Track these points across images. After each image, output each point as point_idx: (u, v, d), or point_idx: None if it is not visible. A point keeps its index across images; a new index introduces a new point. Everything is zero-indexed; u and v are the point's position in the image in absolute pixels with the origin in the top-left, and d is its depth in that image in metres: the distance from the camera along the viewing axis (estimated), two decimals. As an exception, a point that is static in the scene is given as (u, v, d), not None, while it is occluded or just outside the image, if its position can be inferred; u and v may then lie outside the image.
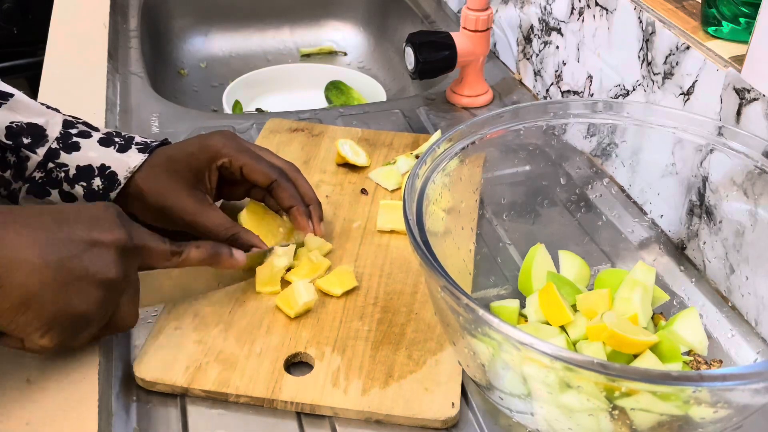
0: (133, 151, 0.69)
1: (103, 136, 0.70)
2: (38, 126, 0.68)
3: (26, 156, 0.67)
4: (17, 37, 1.85)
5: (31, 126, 0.68)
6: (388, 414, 0.57)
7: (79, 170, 0.68)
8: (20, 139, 0.67)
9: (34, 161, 0.67)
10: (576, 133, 0.69)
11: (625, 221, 0.73)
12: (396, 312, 0.66)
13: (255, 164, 0.70)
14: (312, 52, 1.34)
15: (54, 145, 0.68)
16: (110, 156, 0.68)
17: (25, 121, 0.68)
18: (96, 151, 0.68)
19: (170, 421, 0.58)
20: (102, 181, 0.67)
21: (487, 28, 0.95)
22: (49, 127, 0.69)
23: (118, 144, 0.69)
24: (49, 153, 0.67)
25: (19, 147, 0.67)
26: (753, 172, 0.61)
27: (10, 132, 0.67)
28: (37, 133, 0.68)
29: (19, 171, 0.68)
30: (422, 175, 0.58)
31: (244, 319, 0.64)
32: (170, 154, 0.70)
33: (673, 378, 0.44)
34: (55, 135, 0.68)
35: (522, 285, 0.68)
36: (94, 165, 0.68)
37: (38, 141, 0.67)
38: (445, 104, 1.00)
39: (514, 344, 0.46)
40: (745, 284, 0.65)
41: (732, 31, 0.68)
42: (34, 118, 0.68)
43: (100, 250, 0.54)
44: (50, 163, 0.67)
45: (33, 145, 0.67)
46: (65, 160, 0.68)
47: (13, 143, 0.67)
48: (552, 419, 0.52)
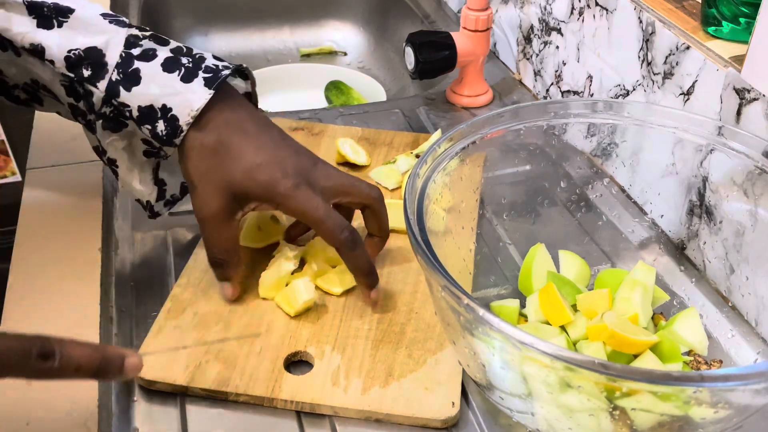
0: (197, 84, 0.62)
1: (169, 56, 0.63)
2: (96, 50, 0.62)
3: (89, 91, 0.62)
4: (17, 36, 1.85)
5: (89, 51, 0.62)
6: (388, 413, 0.57)
7: (141, 112, 0.62)
8: (80, 70, 0.62)
9: (98, 97, 0.62)
10: (576, 133, 0.69)
11: (625, 221, 0.73)
12: (396, 311, 0.66)
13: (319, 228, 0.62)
14: (312, 52, 1.34)
15: (114, 76, 0.62)
16: (171, 90, 0.62)
17: (84, 46, 0.62)
18: (157, 83, 0.62)
19: (170, 420, 0.58)
20: (165, 126, 0.62)
21: (487, 28, 0.95)
22: (109, 48, 0.62)
23: (185, 68, 0.63)
24: (110, 88, 0.62)
25: (81, 80, 0.62)
26: (753, 172, 0.61)
27: (70, 63, 0.62)
28: (97, 61, 0.62)
29: (90, 104, 0.64)
30: (423, 174, 0.58)
31: (244, 317, 0.64)
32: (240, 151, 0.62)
33: (674, 378, 0.44)
34: (115, 60, 0.62)
35: (522, 285, 0.68)
36: (156, 105, 0.62)
37: (98, 72, 0.62)
38: (445, 104, 1.00)
39: (514, 344, 0.46)
40: (745, 284, 0.65)
41: (732, 31, 0.68)
42: (92, 39, 0.62)
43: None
44: (113, 101, 0.62)
45: (93, 78, 0.62)
46: (125, 99, 0.62)
47: (75, 75, 0.62)
48: (552, 419, 0.52)
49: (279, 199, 0.62)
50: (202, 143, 0.62)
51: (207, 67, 0.63)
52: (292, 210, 0.62)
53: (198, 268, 0.69)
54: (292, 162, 0.63)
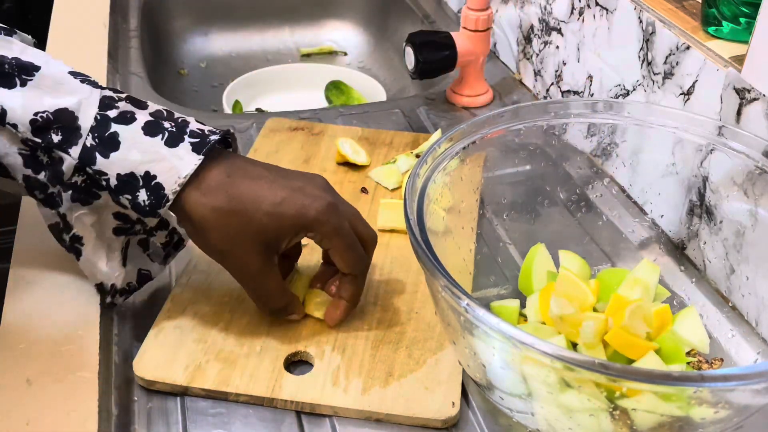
0: (184, 149, 0.57)
1: (150, 120, 0.58)
2: (67, 112, 0.56)
3: (59, 158, 0.57)
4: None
5: (59, 114, 0.56)
6: (388, 413, 0.57)
7: (120, 180, 0.57)
8: (49, 135, 0.56)
9: (69, 165, 0.57)
10: (576, 133, 0.69)
11: (625, 221, 0.73)
12: (396, 311, 0.65)
13: (345, 253, 0.61)
14: (312, 52, 1.34)
15: (89, 142, 0.56)
16: (156, 156, 0.57)
17: (52, 108, 0.56)
18: (139, 149, 0.57)
19: (170, 420, 0.58)
20: (148, 195, 0.57)
21: (487, 28, 0.95)
22: (82, 110, 0.57)
23: (168, 132, 0.58)
24: (84, 154, 0.56)
25: (50, 146, 0.56)
26: (753, 172, 0.61)
27: (36, 126, 0.55)
28: (68, 124, 0.56)
29: (56, 174, 0.57)
30: (423, 174, 0.58)
31: (244, 317, 0.64)
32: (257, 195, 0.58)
33: (674, 378, 0.44)
34: (90, 123, 0.56)
35: (522, 285, 0.68)
36: (138, 173, 0.57)
37: (69, 136, 0.56)
38: (445, 104, 1.00)
39: (514, 344, 0.46)
40: (745, 284, 0.65)
41: (732, 31, 0.68)
42: (62, 100, 0.57)
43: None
44: (88, 169, 0.57)
45: (64, 144, 0.56)
46: (102, 166, 0.56)
47: (42, 141, 0.56)
48: (552, 419, 0.52)
49: (312, 226, 0.59)
50: (214, 207, 0.57)
51: (192, 132, 0.58)
52: (326, 232, 0.59)
53: (198, 268, 0.69)
54: (310, 187, 0.60)
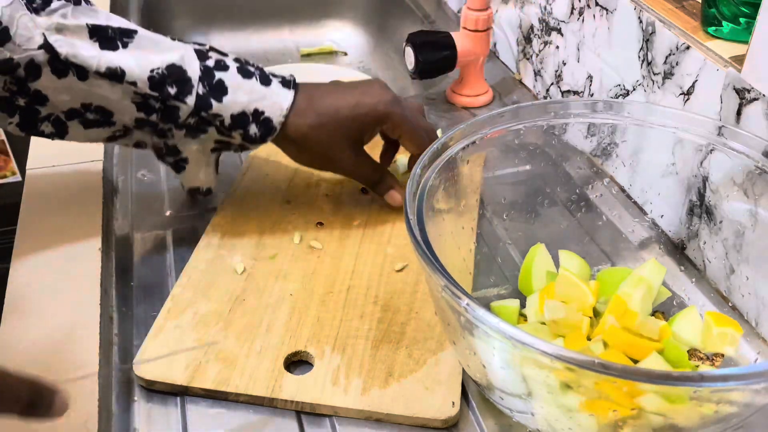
0: (276, 86, 0.69)
1: (237, 65, 0.69)
2: (176, 66, 0.65)
3: (175, 106, 0.66)
4: (17, 36, 1.84)
5: (171, 68, 0.65)
6: (388, 413, 0.57)
7: (233, 119, 0.67)
8: (165, 88, 0.65)
9: (185, 111, 0.66)
10: (576, 133, 0.69)
11: (625, 221, 0.73)
12: (396, 311, 0.66)
13: (414, 135, 0.73)
14: (312, 52, 1.34)
15: (200, 90, 0.66)
16: (259, 95, 0.68)
17: (164, 65, 0.65)
18: (244, 91, 0.67)
19: (170, 420, 0.58)
20: (257, 128, 0.68)
21: (487, 28, 0.95)
22: (187, 63, 0.66)
23: (257, 75, 0.69)
24: (199, 101, 0.66)
25: (167, 98, 0.65)
26: (753, 172, 0.61)
27: (153, 82, 0.64)
28: (179, 77, 0.65)
29: (170, 117, 0.67)
30: (423, 174, 0.58)
31: (244, 317, 0.64)
32: (336, 105, 0.70)
33: (674, 378, 0.44)
34: (197, 74, 0.66)
35: (522, 285, 0.68)
36: (248, 111, 0.68)
37: (183, 88, 0.65)
38: (445, 104, 1.00)
39: (514, 344, 0.46)
40: (745, 284, 0.65)
41: (732, 31, 0.68)
42: (167, 56, 0.65)
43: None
44: (203, 113, 0.66)
45: (180, 95, 0.65)
46: (218, 109, 0.67)
47: (159, 94, 0.65)
48: (552, 419, 0.52)
49: (385, 118, 0.71)
50: (310, 125, 0.70)
51: (272, 73, 0.70)
52: (397, 122, 0.72)
53: (198, 268, 0.69)
54: (374, 89, 0.72)
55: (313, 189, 0.81)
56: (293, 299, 0.66)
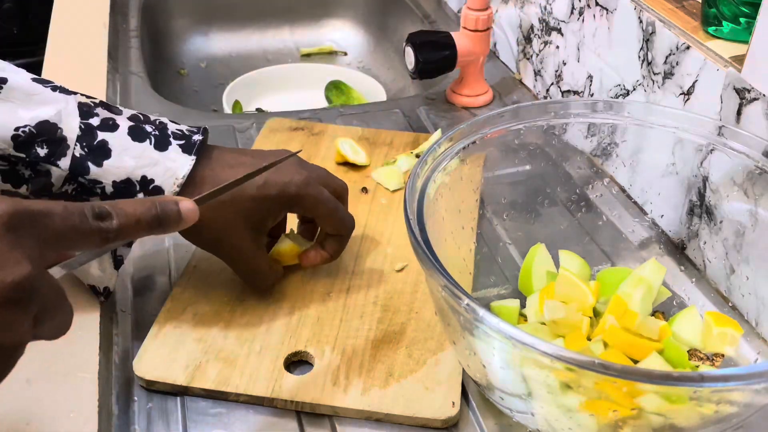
0: (174, 151, 0.59)
1: (131, 124, 0.59)
2: (49, 124, 0.56)
3: (47, 170, 0.56)
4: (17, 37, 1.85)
5: (41, 126, 0.55)
6: (388, 413, 0.57)
7: (116, 187, 0.58)
8: (34, 149, 0.55)
9: (59, 176, 0.57)
10: (576, 133, 0.69)
11: (625, 221, 0.73)
12: (396, 311, 0.66)
13: (331, 219, 0.65)
14: (312, 52, 1.34)
15: (78, 152, 0.56)
16: (149, 160, 0.58)
17: (33, 123, 0.55)
18: (131, 155, 0.58)
19: (170, 420, 0.58)
20: None
21: (487, 28, 0.95)
22: (63, 121, 0.56)
23: (153, 136, 0.59)
24: (75, 165, 0.56)
25: (36, 161, 0.56)
26: (753, 172, 0.61)
27: (18, 142, 0.55)
28: (52, 137, 0.56)
29: (43, 187, 0.57)
30: (423, 174, 0.58)
31: (244, 317, 0.64)
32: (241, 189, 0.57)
33: (674, 378, 0.44)
34: (75, 133, 0.57)
35: (522, 285, 0.68)
36: (134, 178, 0.58)
37: (56, 149, 0.56)
38: (445, 104, 1.00)
39: (514, 344, 0.46)
40: (745, 284, 0.65)
41: (732, 31, 0.68)
42: (40, 111, 0.56)
43: None
44: (80, 179, 0.57)
45: (51, 156, 0.56)
46: (97, 175, 0.57)
47: (26, 156, 0.55)
48: (552, 419, 0.52)
49: (295, 201, 0.63)
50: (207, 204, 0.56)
51: (174, 134, 0.60)
52: (308, 205, 0.63)
53: (198, 268, 0.69)
54: (286, 165, 0.63)
55: (313, 189, 0.81)
56: (293, 299, 0.66)
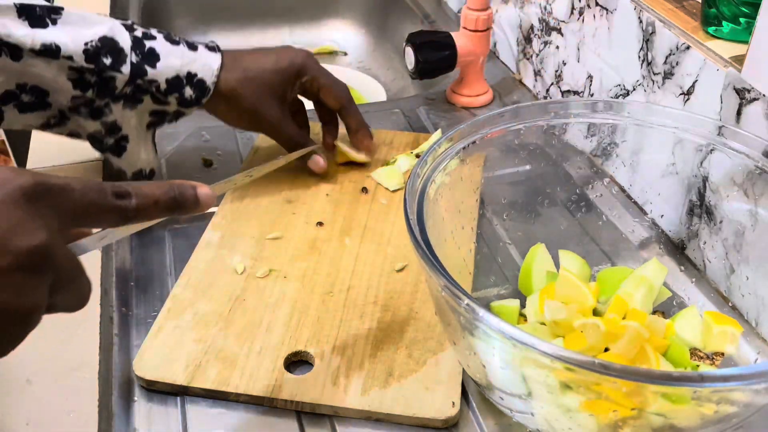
0: (203, 50, 0.72)
1: (162, 34, 0.71)
2: (108, 38, 0.67)
3: (111, 76, 0.68)
4: (17, 36, 1.84)
5: (103, 41, 0.67)
6: (388, 413, 0.57)
7: (169, 84, 0.70)
8: (101, 59, 0.67)
9: (121, 80, 0.68)
10: (576, 133, 0.69)
11: (625, 221, 0.73)
12: (396, 311, 0.66)
13: (332, 87, 0.78)
14: (312, 52, 1.34)
15: (134, 58, 0.68)
16: (190, 59, 0.71)
17: (96, 38, 0.67)
18: (175, 56, 0.70)
19: (170, 420, 0.58)
20: (192, 90, 0.71)
21: (487, 28, 0.95)
22: (117, 35, 0.68)
23: (183, 42, 0.72)
24: (134, 69, 0.68)
25: (103, 69, 0.67)
26: (753, 172, 0.61)
27: (88, 55, 0.66)
28: (113, 48, 0.67)
29: (107, 89, 0.68)
30: (423, 174, 0.58)
31: (244, 317, 0.64)
32: (254, 58, 0.75)
33: (674, 378, 0.44)
34: (128, 44, 0.68)
35: (522, 285, 0.68)
36: (181, 75, 0.70)
37: (117, 57, 0.67)
38: (445, 104, 1.00)
39: (514, 344, 0.46)
40: (745, 284, 0.65)
41: (732, 31, 0.68)
42: (97, 29, 0.67)
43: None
44: (138, 80, 0.69)
45: (116, 64, 0.67)
46: (153, 75, 0.69)
47: (95, 66, 0.67)
48: (552, 419, 0.52)
49: (303, 69, 0.77)
50: (237, 78, 0.73)
51: (195, 41, 0.73)
52: (314, 74, 0.77)
53: (198, 268, 0.69)
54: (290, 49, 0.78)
55: (314, 189, 0.81)
56: (293, 299, 0.66)
